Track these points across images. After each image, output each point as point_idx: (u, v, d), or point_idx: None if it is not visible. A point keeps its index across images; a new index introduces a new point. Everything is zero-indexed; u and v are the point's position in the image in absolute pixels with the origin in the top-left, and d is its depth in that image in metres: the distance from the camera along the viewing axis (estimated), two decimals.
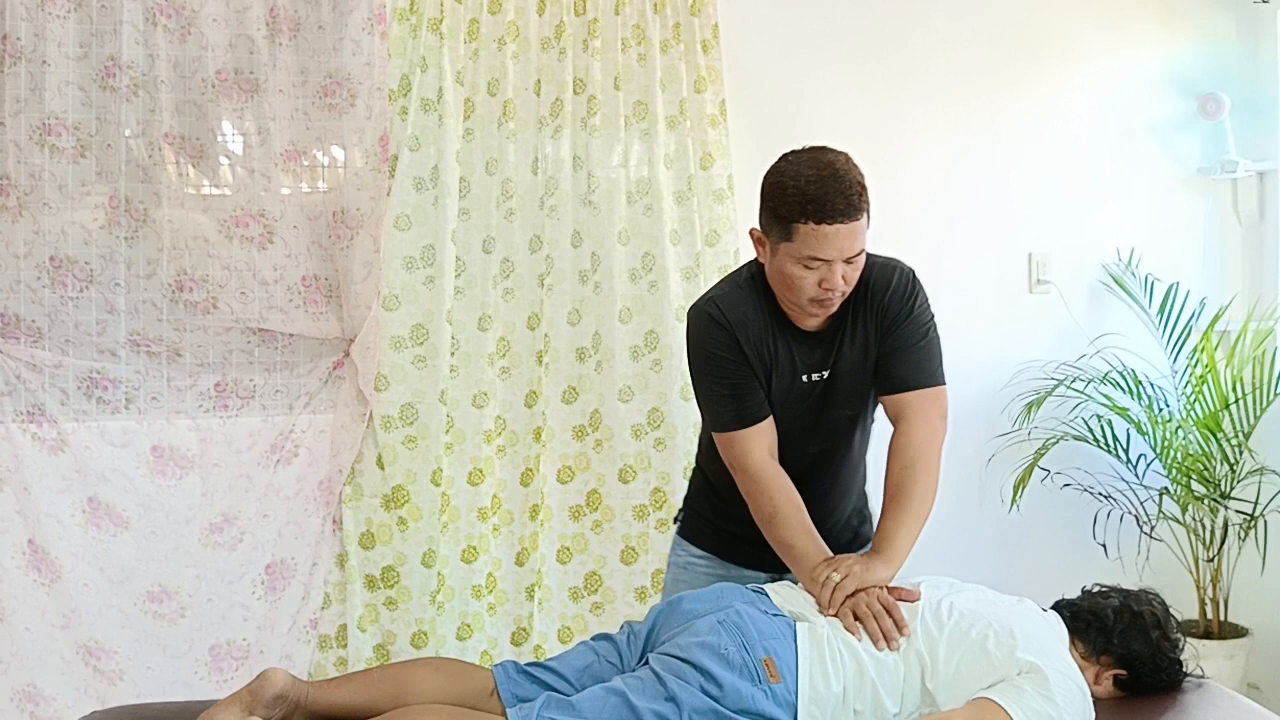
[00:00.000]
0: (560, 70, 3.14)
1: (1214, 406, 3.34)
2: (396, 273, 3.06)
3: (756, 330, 2.19)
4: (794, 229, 2.06)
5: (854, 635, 1.98)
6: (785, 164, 2.12)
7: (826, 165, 2.06)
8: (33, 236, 2.91)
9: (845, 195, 2.03)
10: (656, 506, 3.21)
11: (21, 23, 2.84)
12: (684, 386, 3.18)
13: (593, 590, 3.23)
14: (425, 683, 2.02)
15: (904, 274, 2.23)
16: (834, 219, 2.02)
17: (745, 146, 3.29)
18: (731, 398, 2.22)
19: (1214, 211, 3.68)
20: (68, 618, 2.92)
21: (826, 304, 2.12)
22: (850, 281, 2.11)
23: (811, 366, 2.22)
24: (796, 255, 2.07)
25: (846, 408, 2.25)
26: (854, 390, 2.24)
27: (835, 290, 2.09)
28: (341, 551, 3.08)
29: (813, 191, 2.03)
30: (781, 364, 2.21)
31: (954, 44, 3.49)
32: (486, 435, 3.15)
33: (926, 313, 2.24)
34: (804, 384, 2.22)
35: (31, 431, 2.94)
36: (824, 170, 2.05)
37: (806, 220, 2.04)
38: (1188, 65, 3.64)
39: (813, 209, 2.03)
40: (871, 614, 2.00)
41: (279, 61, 2.98)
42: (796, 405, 2.23)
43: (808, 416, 2.24)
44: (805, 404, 2.23)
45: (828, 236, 2.03)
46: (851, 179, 2.05)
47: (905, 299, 2.21)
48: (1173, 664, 2.13)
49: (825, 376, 2.22)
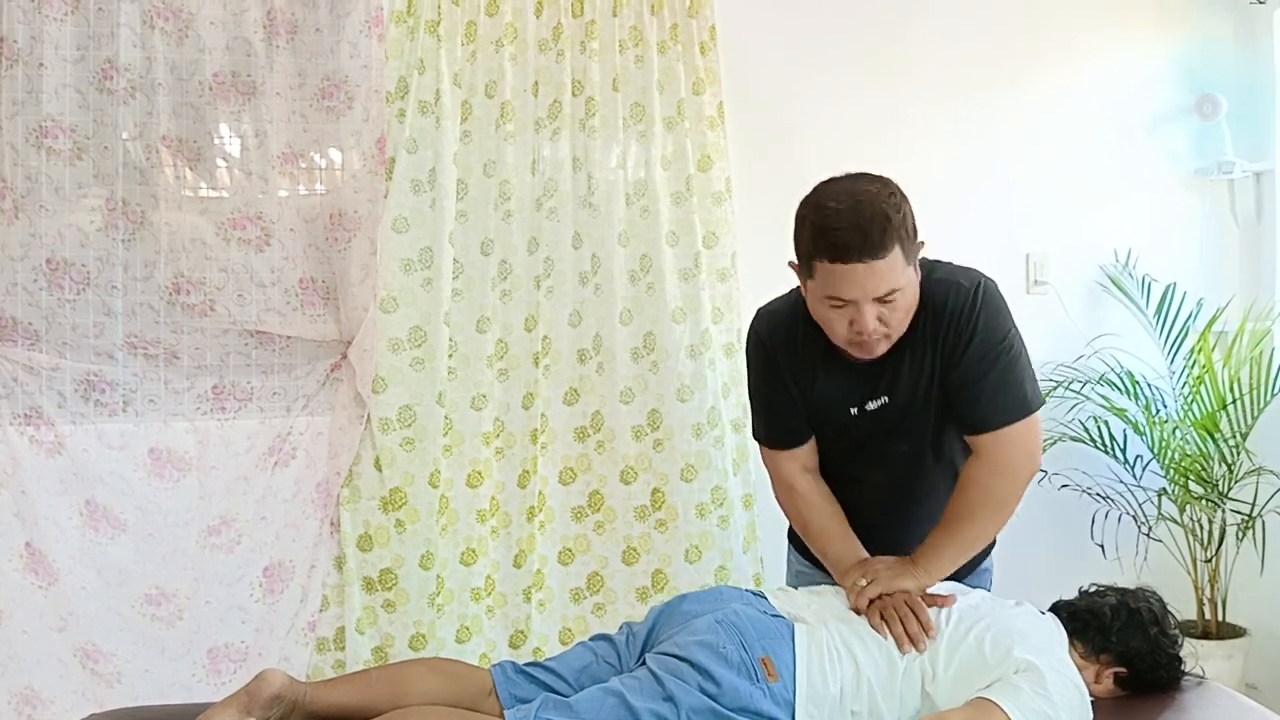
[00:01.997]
0: (558, 72, 3.14)
1: (1211, 407, 3.34)
2: (394, 275, 3.06)
3: (797, 356, 2.08)
4: (814, 266, 1.90)
5: (881, 635, 1.99)
6: (813, 194, 1.94)
7: (850, 195, 1.87)
8: (29, 239, 2.91)
9: (863, 230, 1.83)
10: (656, 507, 3.21)
11: (18, 25, 2.84)
12: (680, 389, 3.19)
13: (595, 590, 3.22)
14: (423, 683, 2.02)
15: (960, 292, 1.98)
16: (849, 258, 1.84)
17: (743, 148, 3.30)
18: (766, 416, 2.20)
19: (1211, 212, 3.69)
20: (65, 620, 2.91)
21: (865, 347, 1.94)
22: (893, 323, 1.92)
23: (861, 398, 2.05)
24: (820, 294, 1.92)
25: (904, 442, 2.09)
26: (916, 424, 2.06)
27: (868, 334, 1.91)
28: (339, 554, 3.08)
29: (828, 225, 1.86)
30: (825, 394, 2.07)
31: (951, 45, 3.49)
32: (485, 437, 3.15)
33: (993, 334, 1.98)
34: (851, 416, 2.07)
35: (29, 434, 2.93)
36: (845, 201, 1.86)
37: (821, 258, 1.87)
38: (1185, 66, 3.64)
39: (825, 245, 1.86)
40: (898, 616, 1.97)
41: (276, 64, 2.98)
42: (845, 438, 2.11)
43: (864, 449, 2.11)
44: (856, 437, 2.09)
45: (845, 275, 1.85)
46: (875, 212, 1.84)
47: (964, 324, 1.97)
48: (1172, 660, 2.13)
49: (876, 409, 2.05)
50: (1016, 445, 2.03)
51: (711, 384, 3.21)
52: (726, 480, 3.23)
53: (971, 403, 2.00)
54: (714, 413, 3.20)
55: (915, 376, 2.02)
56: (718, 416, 3.21)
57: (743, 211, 3.29)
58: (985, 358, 1.98)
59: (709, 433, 3.20)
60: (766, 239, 3.35)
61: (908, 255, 1.89)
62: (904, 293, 1.91)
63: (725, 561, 3.22)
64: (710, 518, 3.21)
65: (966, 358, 1.98)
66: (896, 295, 1.89)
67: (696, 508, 3.20)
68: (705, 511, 3.21)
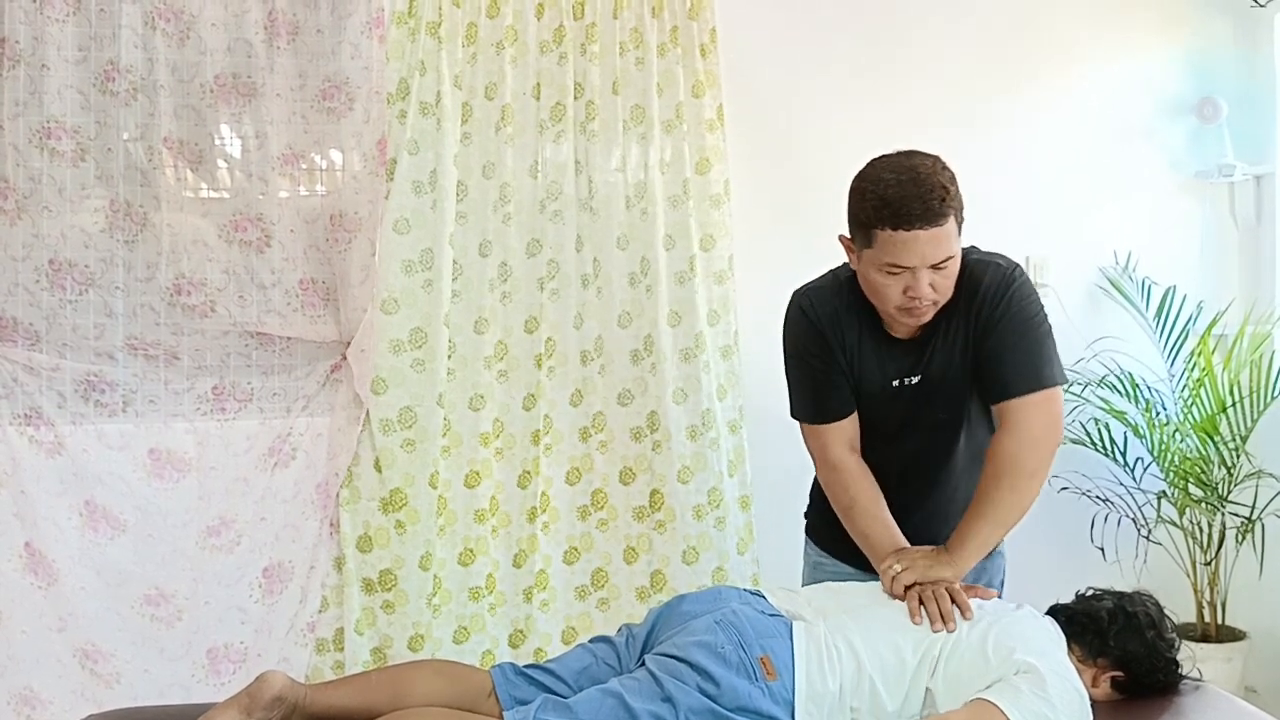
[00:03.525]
0: (560, 75, 3.14)
1: (1211, 410, 3.35)
2: (395, 276, 3.06)
3: (844, 330, 2.17)
4: (874, 235, 2.00)
5: (915, 621, 2.01)
6: (869, 168, 2.06)
7: (908, 169, 2.00)
8: (31, 239, 2.91)
9: (924, 199, 1.96)
10: (655, 508, 3.22)
11: (20, 26, 2.85)
12: (676, 391, 3.20)
13: (599, 586, 3.23)
14: (423, 685, 2.03)
15: (999, 270, 2.12)
16: (911, 224, 1.96)
17: (743, 150, 3.30)
18: (812, 390, 2.24)
19: (1211, 215, 3.69)
20: (64, 621, 2.92)
21: (915, 312, 2.05)
22: (942, 289, 2.04)
23: (902, 371, 2.16)
24: (878, 262, 2.02)
25: (942, 411, 2.18)
26: (951, 395, 2.16)
27: (922, 299, 2.02)
28: (339, 555, 3.08)
29: (890, 196, 1.97)
30: (869, 366, 2.17)
31: (952, 48, 3.49)
32: (483, 438, 3.15)
33: (1026, 310, 2.11)
34: (893, 388, 2.18)
35: (29, 434, 2.94)
36: (904, 174, 1.99)
37: (884, 226, 1.98)
38: (1185, 69, 3.64)
39: (889, 214, 1.97)
40: (934, 597, 2.02)
41: (277, 65, 2.98)
42: (886, 407, 2.20)
43: (900, 419, 2.19)
44: (896, 407, 2.19)
45: (906, 243, 1.97)
46: (934, 182, 1.98)
47: (999, 298, 2.10)
48: (1169, 664, 2.13)
49: (916, 381, 2.16)
50: (1039, 413, 2.09)
51: (706, 387, 3.21)
52: (722, 482, 3.24)
53: (998, 369, 2.10)
54: (709, 415, 3.21)
55: (951, 350, 2.13)
56: (713, 419, 3.22)
57: (741, 214, 3.30)
58: (1016, 330, 2.09)
59: (704, 434, 3.21)
60: (765, 241, 3.38)
61: (959, 226, 2.03)
62: (955, 261, 2.03)
63: (722, 563, 3.23)
64: (707, 519, 3.22)
65: (1000, 328, 2.09)
66: (949, 262, 2.02)
67: (694, 509, 3.22)
68: (702, 513, 3.22)
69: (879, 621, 2.03)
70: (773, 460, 3.38)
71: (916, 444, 2.22)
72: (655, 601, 3.19)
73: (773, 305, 3.36)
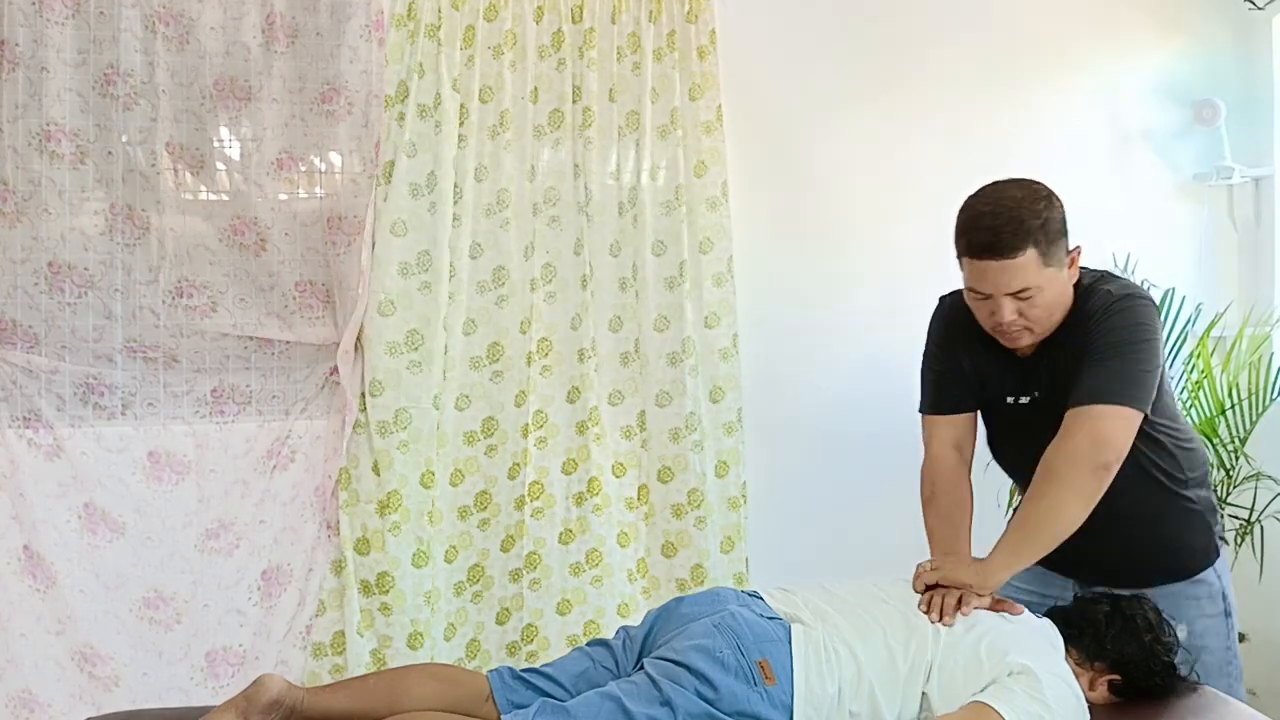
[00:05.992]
0: (560, 80, 3.15)
1: (1210, 412, 3.34)
2: (392, 278, 3.06)
3: (970, 337, 2.23)
4: (960, 259, 2.12)
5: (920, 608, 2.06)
6: (974, 192, 2.14)
7: (996, 199, 2.07)
8: (31, 242, 2.91)
9: (996, 231, 2.02)
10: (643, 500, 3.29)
11: (20, 29, 2.85)
12: (659, 394, 3.24)
13: (594, 565, 3.25)
14: (420, 689, 2.03)
15: (1110, 296, 2.12)
16: (981, 255, 2.04)
17: (741, 153, 3.30)
18: (933, 384, 2.34)
19: (1210, 217, 3.69)
20: (63, 624, 2.92)
21: (1005, 335, 2.12)
22: (1033, 318, 2.08)
23: (1014, 389, 2.23)
24: (966, 284, 2.13)
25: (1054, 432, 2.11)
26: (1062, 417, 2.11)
27: (1005, 324, 2.08)
28: (338, 557, 3.08)
29: (969, 224, 2.08)
30: (988, 378, 2.26)
31: (950, 51, 3.49)
32: (468, 436, 3.17)
33: (1122, 333, 2.07)
34: (1009, 405, 2.24)
35: (27, 437, 2.94)
36: (987, 205, 2.06)
37: (962, 253, 2.10)
38: (1183, 71, 3.64)
39: (964, 243, 2.08)
40: (941, 594, 2.07)
41: (276, 69, 2.98)
42: (1007, 425, 2.28)
43: (1024, 441, 2.19)
44: (1016, 426, 2.25)
45: (980, 272, 2.06)
46: (1012, 215, 2.02)
47: (1100, 316, 2.10)
48: (1166, 667, 2.13)
49: (1028, 403, 2.22)
50: (1090, 426, 2.04)
51: (692, 390, 3.24)
52: (705, 483, 3.27)
53: (1076, 381, 2.08)
54: (693, 418, 3.24)
55: (1061, 375, 2.13)
56: (697, 421, 3.24)
57: (740, 216, 3.30)
58: (1105, 348, 2.06)
59: (687, 437, 3.24)
60: (763, 243, 3.38)
61: (1046, 257, 2.04)
62: (1042, 291, 2.05)
63: (702, 560, 3.28)
64: (687, 518, 3.27)
65: (1092, 345, 2.08)
66: (1032, 293, 2.05)
67: (673, 507, 3.28)
68: (682, 512, 3.27)
69: (873, 624, 2.03)
70: (773, 460, 3.39)
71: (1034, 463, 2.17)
72: (638, 588, 3.26)
73: (771, 307, 3.39)
